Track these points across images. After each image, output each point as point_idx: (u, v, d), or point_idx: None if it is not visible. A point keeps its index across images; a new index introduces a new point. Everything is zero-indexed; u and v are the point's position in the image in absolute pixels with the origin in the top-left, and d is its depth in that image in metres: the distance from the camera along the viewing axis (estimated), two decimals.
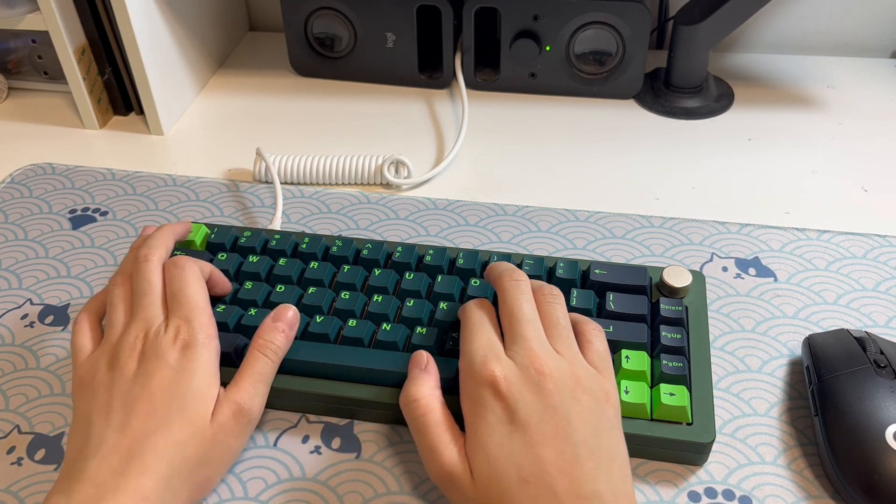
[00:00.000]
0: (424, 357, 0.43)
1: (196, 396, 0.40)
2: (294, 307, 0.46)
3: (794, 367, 0.48)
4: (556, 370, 0.39)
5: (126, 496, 0.37)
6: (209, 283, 0.47)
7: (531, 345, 0.40)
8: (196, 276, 0.45)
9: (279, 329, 0.44)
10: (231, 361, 0.45)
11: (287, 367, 0.45)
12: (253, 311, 0.47)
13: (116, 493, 0.37)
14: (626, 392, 0.43)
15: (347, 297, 0.49)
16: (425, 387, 0.41)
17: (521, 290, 0.43)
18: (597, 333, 0.43)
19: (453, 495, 0.38)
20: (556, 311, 0.42)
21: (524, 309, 0.42)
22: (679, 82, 0.71)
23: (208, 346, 0.42)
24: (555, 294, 0.43)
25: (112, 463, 0.38)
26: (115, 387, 0.41)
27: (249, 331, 0.46)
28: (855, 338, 0.45)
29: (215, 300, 0.48)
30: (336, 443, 0.45)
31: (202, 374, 0.41)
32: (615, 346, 0.45)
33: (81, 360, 0.44)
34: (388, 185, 0.63)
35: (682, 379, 0.43)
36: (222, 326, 0.46)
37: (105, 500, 0.37)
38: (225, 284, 0.49)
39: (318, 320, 0.47)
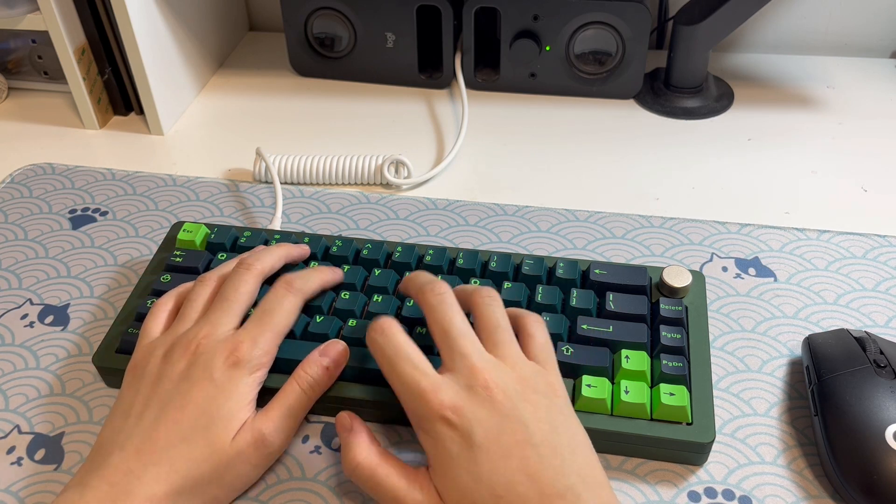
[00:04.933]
0: (347, 418, 0.41)
1: (223, 419, 0.40)
2: (344, 343, 0.45)
3: (794, 367, 0.48)
4: (500, 379, 0.38)
5: (137, 501, 0.37)
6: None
7: (471, 360, 0.39)
8: (296, 306, 0.45)
9: (323, 365, 0.44)
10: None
11: (287, 368, 0.45)
12: (250, 311, 0.47)
13: (128, 496, 0.37)
14: (626, 392, 0.43)
15: (347, 297, 0.49)
16: (361, 448, 0.40)
17: (447, 303, 0.42)
18: (537, 326, 0.43)
19: None
20: (495, 313, 0.42)
21: (455, 323, 0.41)
22: (679, 82, 0.71)
23: (255, 374, 0.42)
24: (492, 296, 0.43)
25: (131, 464, 0.38)
26: (160, 384, 0.41)
27: None
28: (855, 338, 0.45)
29: None
30: (336, 443, 0.45)
31: (237, 398, 0.41)
32: (615, 346, 0.45)
33: (144, 343, 0.44)
34: (388, 185, 0.63)
35: (681, 379, 0.44)
36: None
37: (117, 501, 0.37)
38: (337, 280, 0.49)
39: (318, 320, 0.47)
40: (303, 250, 0.51)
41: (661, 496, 0.42)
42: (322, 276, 0.48)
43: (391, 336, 0.41)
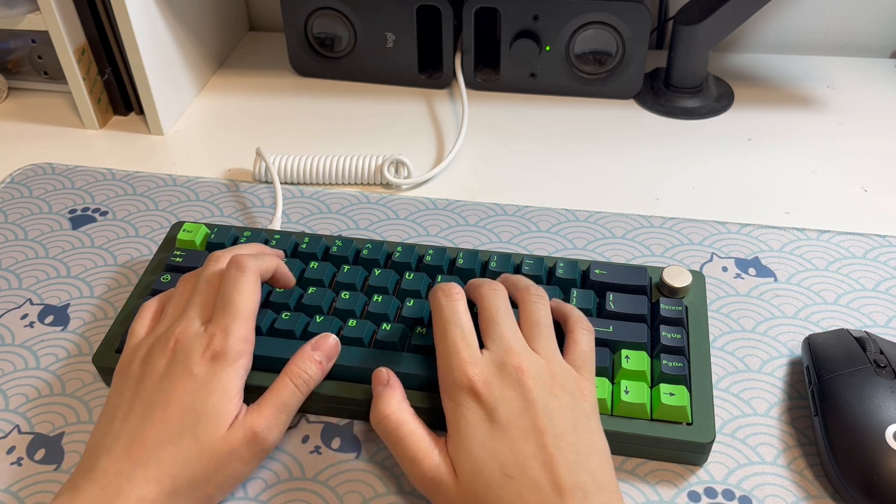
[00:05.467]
0: (385, 373, 0.42)
1: (211, 415, 0.40)
2: (335, 337, 0.45)
3: (794, 367, 0.48)
4: (532, 367, 0.39)
5: (129, 503, 0.37)
6: (273, 279, 0.47)
7: (509, 343, 0.40)
8: (252, 284, 0.44)
9: (315, 359, 0.43)
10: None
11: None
12: None
13: (119, 498, 0.37)
14: (626, 392, 0.43)
15: (347, 297, 0.49)
16: (392, 401, 0.41)
17: (499, 296, 0.43)
18: (585, 333, 0.43)
19: (438, 499, 0.38)
20: (539, 310, 0.43)
21: (501, 311, 0.42)
22: (679, 82, 0.71)
23: (236, 363, 0.41)
24: (539, 295, 0.44)
25: (120, 466, 0.38)
26: (142, 385, 0.41)
27: None
28: (855, 338, 0.45)
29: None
30: (336, 443, 0.45)
31: (222, 391, 0.41)
32: (615, 346, 0.45)
33: (130, 345, 0.44)
34: (388, 185, 0.63)
35: (682, 379, 0.44)
36: None
37: (108, 503, 0.37)
38: (288, 280, 0.49)
39: (319, 320, 0.47)
40: (277, 252, 0.51)
41: (661, 496, 0.42)
42: (273, 258, 0.47)
43: (455, 302, 0.42)
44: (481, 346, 0.41)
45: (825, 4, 0.77)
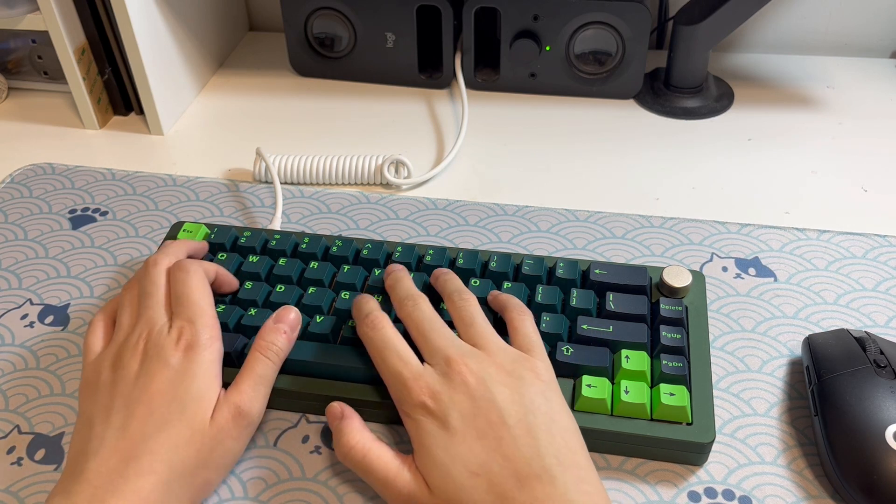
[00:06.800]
0: (338, 407, 0.43)
1: (195, 399, 0.40)
2: (296, 308, 0.46)
3: (794, 367, 0.48)
4: (475, 365, 0.40)
5: (124, 498, 0.37)
6: (215, 283, 0.48)
7: (447, 352, 0.41)
8: (200, 279, 0.46)
9: (281, 330, 0.44)
10: (232, 362, 0.45)
11: (287, 367, 0.45)
12: (253, 311, 0.48)
13: (115, 494, 0.37)
14: (626, 392, 0.43)
15: (347, 297, 0.49)
16: (352, 432, 0.41)
17: (420, 310, 0.44)
18: (523, 318, 0.45)
19: None
20: (470, 310, 0.44)
21: (427, 322, 0.43)
22: (679, 82, 0.71)
23: (210, 348, 0.42)
24: (465, 297, 0.45)
25: (111, 464, 0.38)
26: (117, 387, 0.41)
27: (250, 331, 0.47)
28: (855, 338, 0.45)
29: (218, 299, 0.49)
30: None
31: (203, 376, 0.41)
32: (615, 346, 0.45)
33: (90, 360, 0.44)
34: (388, 185, 0.63)
35: (681, 379, 0.44)
36: (222, 326, 0.46)
37: (104, 501, 0.37)
38: (231, 282, 0.50)
39: (318, 320, 0.47)
40: (202, 245, 0.52)
41: (661, 496, 0.42)
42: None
43: (380, 329, 0.44)
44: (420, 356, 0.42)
45: (825, 4, 0.77)
